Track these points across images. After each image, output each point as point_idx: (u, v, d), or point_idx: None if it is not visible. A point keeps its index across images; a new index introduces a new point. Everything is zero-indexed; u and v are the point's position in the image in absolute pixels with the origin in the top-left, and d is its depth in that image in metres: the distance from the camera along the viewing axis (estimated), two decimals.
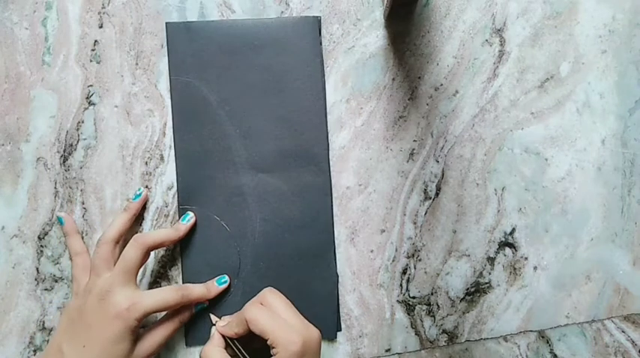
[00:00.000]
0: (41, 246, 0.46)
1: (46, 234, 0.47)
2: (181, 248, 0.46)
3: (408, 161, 0.47)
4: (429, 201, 0.47)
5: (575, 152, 0.48)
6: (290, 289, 0.43)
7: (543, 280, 0.47)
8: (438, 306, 0.47)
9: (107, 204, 0.47)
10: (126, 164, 0.47)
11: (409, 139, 0.48)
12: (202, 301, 0.45)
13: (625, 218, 0.47)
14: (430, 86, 0.48)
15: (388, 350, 0.47)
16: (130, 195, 0.47)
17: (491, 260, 0.47)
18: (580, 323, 0.47)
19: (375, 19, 0.48)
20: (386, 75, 0.48)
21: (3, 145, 0.47)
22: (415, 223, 0.47)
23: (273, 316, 0.39)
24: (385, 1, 0.46)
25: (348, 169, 0.47)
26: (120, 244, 0.44)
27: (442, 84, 0.48)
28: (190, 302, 0.44)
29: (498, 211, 0.47)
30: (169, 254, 0.47)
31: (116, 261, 0.43)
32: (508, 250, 0.47)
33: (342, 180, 0.47)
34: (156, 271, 0.47)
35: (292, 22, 0.47)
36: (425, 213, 0.47)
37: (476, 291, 0.47)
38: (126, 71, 0.47)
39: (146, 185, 0.47)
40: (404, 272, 0.47)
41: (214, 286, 0.45)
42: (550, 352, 0.47)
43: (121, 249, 0.43)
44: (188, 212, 0.46)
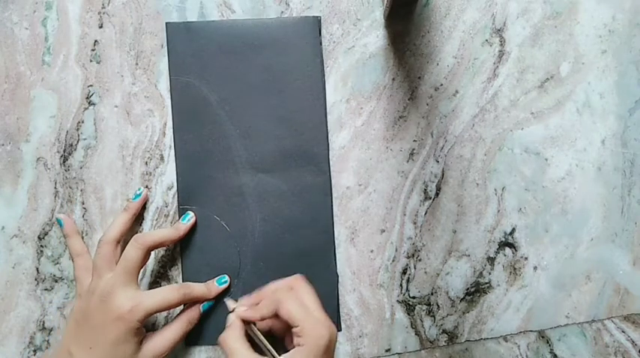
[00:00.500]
0: (41, 246, 0.46)
1: (46, 234, 0.47)
2: (181, 248, 0.46)
3: (408, 161, 0.47)
4: (429, 201, 0.47)
5: (575, 152, 0.48)
6: None
7: (543, 280, 0.47)
8: (438, 306, 0.47)
9: (107, 204, 0.47)
10: (126, 164, 0.47)
11: (409, 139, 0.48)
12: (204, 300, 0.45)
13: (625, 218, 0.47)
14: (430, 86, 0.48)
15: (388, 350, 0.47)
16: (130, 195, 0.47)
17: (491, 260, 0.47)
18: (580, 323, 0.47)
19: (375, 19, 0.48)
20: (386, 75, 0.48)
21: (3, 145, 0.47)
22: (415, 223, 0.47)
23: (302, 305, 0.39)
24: (385, 1, 0.46)
25: (348, 169, 0.47)
26: (121, 244, 0.44)
27: (442, 84, 0.48)
28: (192, 300, 0.44)
29: (498, 211, 0.47)
30: (169, 254, 0.47)
31: (117, 261, 0.43)
32: (508, 250, 0.47)
33: (342, 180, 0.47)
34: (156, 271, 0.47)
35: (292, 22, 0.47)
36: (425, 213, 0.47)
37: (476, 291, 0.47)
38: (126, 71, 0.47)
39: (146, 185, 0.47)
40: (404, 272, 0.47)
41: (215, 286, 0.45)
42: (550, 352, 0.47)
43: (122, 249, 0.43)
44: (188, 212, 0.46)
